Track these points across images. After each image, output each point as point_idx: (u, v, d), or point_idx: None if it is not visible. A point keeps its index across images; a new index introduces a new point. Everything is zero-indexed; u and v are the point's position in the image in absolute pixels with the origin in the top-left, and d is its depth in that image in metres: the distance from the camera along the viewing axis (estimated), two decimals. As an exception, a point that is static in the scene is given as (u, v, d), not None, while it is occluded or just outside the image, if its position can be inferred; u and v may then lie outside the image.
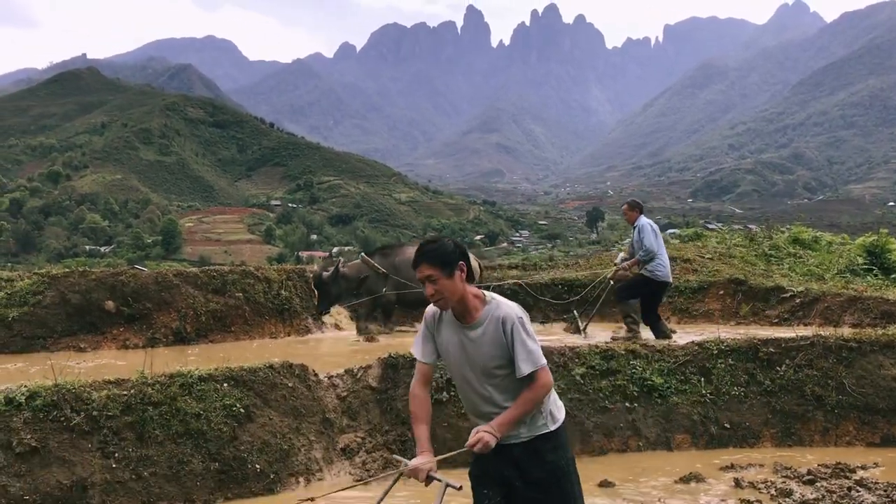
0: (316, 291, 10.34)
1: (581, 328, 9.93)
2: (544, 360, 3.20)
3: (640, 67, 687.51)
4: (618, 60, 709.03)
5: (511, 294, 11.32)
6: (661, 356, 6.96)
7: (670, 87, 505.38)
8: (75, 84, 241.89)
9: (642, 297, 9.10)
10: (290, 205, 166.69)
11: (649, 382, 6.71)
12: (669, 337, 8.73)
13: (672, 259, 12.53)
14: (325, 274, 9.98)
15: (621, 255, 13.08)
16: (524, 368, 3.16)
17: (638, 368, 6.79)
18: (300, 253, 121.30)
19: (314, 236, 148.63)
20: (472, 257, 10.16)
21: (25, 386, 4.97)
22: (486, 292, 3.30)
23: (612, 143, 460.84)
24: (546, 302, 11.41)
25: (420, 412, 3.38)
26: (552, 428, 3.29)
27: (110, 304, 9.33)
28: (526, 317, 3.25)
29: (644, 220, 9.19)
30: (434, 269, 3.17)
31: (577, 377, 6.63)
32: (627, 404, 6.59)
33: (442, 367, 4.34)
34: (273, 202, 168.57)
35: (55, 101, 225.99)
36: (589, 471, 5.95)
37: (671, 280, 9.38)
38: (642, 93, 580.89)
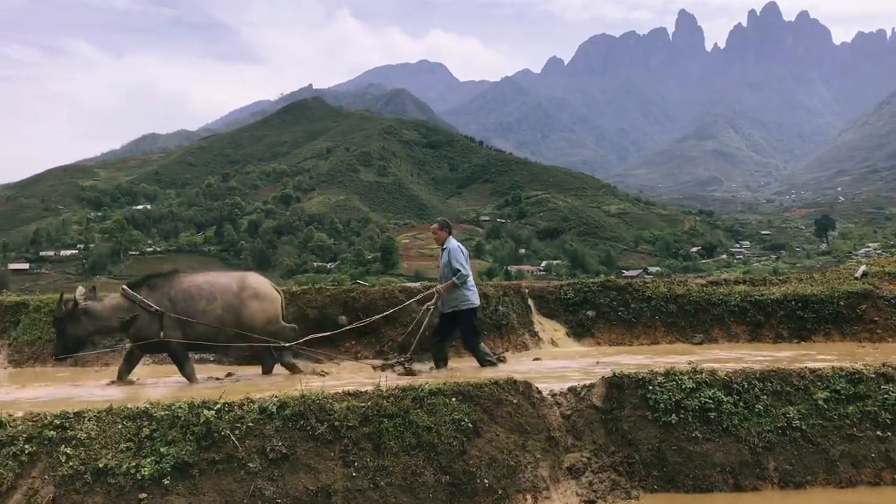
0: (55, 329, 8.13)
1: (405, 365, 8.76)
2: None
3: (873, 63, 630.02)
4: (847, 56, 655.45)
5: (739, 311, 10.75)
6: (919, 381, 6.29)
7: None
8: (303, 113, 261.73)
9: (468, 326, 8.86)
10: (498, 220, 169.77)
11: (905, 409, 6.09)
12: (501, 362, 8.74)
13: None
14: (65, 309, 7.81)
15: (862, 268, 12.04)
16: None
17: (891, 393, 6.18)
18: (509, 267, 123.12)
19: (522, 250, 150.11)
20: (267, 284, 8.83)
21: (276, 396, 5.37)
22: None
23: (841, 145, 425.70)
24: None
25: None
26: None
27: (343, 319, 9.96)
28: None
29: (454, 243, 8.86)
30: None
31: (820, 401, 6.14)
32: (879, 433, 6.01)
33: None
34: (482, 218, 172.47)
35: (286, 130, 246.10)
36: (837, 504, 5.50)
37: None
38: (876, 90, 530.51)
